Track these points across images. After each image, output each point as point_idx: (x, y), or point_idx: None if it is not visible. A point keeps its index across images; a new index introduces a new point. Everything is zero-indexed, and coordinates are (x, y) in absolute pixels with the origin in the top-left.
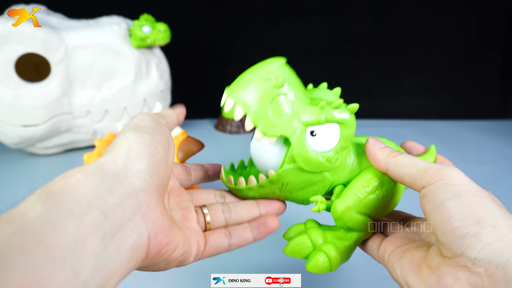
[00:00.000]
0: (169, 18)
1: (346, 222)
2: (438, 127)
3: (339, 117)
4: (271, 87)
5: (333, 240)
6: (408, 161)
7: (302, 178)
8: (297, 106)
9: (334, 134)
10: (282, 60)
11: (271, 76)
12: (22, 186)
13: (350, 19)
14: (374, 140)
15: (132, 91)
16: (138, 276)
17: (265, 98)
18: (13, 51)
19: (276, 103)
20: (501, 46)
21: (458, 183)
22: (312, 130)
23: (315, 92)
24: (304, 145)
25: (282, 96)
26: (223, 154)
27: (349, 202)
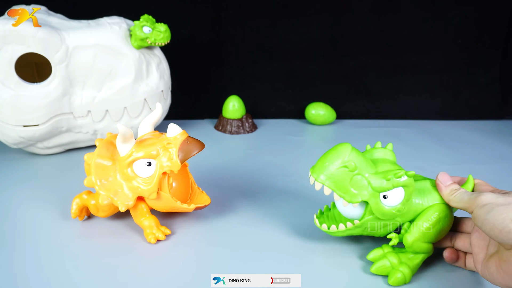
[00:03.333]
0: (169, 18)
1: (415, 249)
2: (438, 127)
3: (402, 182)
4: (348, 171)
5: (405, 261)
6: (460, 196)
7: (379, 223)
8: (369, 179)
9: (400, 193)
10: (349, 146)
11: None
12: (22, 186)
13: (350, 19)
14: (442, 176)
15: (133, 91)
16: (132, 274)
17: (345, 179)
18: (13, 51)
19: (354, 181)
20: (501, 46)
21: (489, 202)
22: (384, 195)
23: (375, 152)
24: (379, 204)
25: (357, 175)
26: (223, 154)
27: (416, 235)
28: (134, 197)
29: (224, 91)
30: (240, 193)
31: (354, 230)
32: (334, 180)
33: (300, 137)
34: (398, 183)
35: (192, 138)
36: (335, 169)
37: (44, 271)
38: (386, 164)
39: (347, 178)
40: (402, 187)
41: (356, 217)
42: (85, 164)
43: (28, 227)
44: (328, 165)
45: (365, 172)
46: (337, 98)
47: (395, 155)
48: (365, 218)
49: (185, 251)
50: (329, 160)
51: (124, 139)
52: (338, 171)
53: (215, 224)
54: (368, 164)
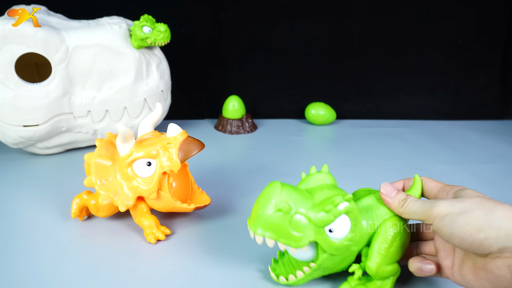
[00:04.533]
0: (169, 18)
1: (381, 275)
2: (438, 127)
3: (343, 209)
4: (284, 215)
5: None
6: (411, 208)
7: (336, 259)
8: (309, 215)
9: (345, 222)
10: (278, 186)
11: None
12: (22, 186)
13: (350, 19)
14: (385, 188)
15: (133, 91)
16: (132, 274)
17: (284, 224)
18: (13, 51)
19: (293, 223)
20: (501, 46)
21: (447, 212)
22: (330, 228)
23: (311, 178)
24: (328, 240)
25: (295, 215)
26: (223, 154)
27: (377, 260)
28: (134, 197)
29: (224, 91)
30: (240, 193)
31: (313, 273)
32: (273, 229)
33: (300, 137)
34: (339, 212)
35: (192, 138)
36: (269, 217)
37: (44, 271)
38: (324, 190)
39: (286, 222)
40: (345, 214)
41: (310, 259)
42: (85, 164)
43: (28, 227)
44: (262, 213)
45: (303, 208)
46: (337, 98)
47: (333, 177)
48: (319, 258)
49: (185, 251)
50: (261, 207)
51: (124, 139)
52: (274, 218)
53: (215, 224)
54: (304, 197)
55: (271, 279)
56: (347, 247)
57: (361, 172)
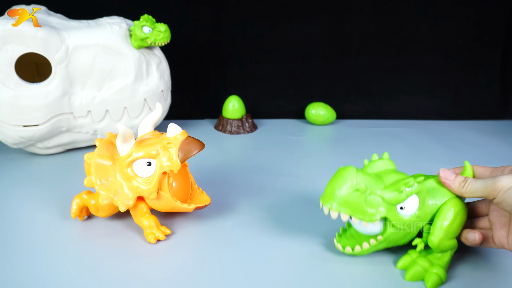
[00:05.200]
0: (169, 18)
1: (442, 248)
2: (438, 127)
3: (414, 190)
4: (361, 194)
5: (436, 261)
6: (472, 186)
7: (401, 233)
8: (382, 195)
9: (414, 201)
10: (354, 170)
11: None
12: (22, 186)
13: (350, 19)
14: (444, 173)
15: (133, 91)
16: (132, 274)
17: (359, 202)
18: (13, 51)
19: (368, 201)
20: (500, 46)
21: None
22: (401, 206)
23: (374, 165)
24: (399, 216)
25: (370, 195)
26: (223, 154)
27: (440, 235)
28: (134, 197)
29: (224, 91)
30: (240, 193)
31: (378, 245)
32: (349, 205)
33: (300, 137)
34: (411, 192)
35: (192, 138)
36: (347, 195)
37: (44, 271)
38: (390, 174)
39: (361, 201)
40: (416, 194)
41: (377, 232)
42: (85, 164)
43: (28, 227)
44: (338, 192)
45: (376, 189)
46: (337, 98)
47: (393, 163)
48: (387, 232)
49: (185, 251)
50: (337, 186)
51: (124, 139)
52: (351, 196)
53: (215, 224)
54: (375, 180)
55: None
56: (414, 223)
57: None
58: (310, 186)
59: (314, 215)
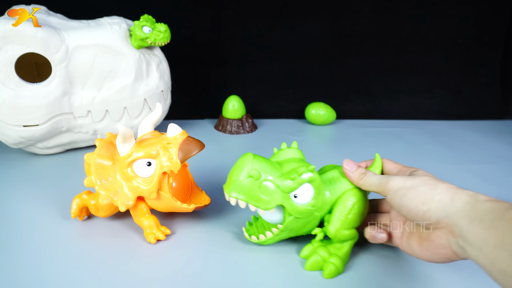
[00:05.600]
0: (169, 18)
1: (340, 238)
2: (438, 127)
3: (306, 178)
4: (254, 180)
5: (335, 251)
6: (369, 180)
7: (300, 222)
8: (276, 182)
9: (308, 189)
10: (250, 156)
11: (251, 172)
12: (22, 186)
13: (350, 19)
14: (347, 164)
15: (133, 91)
16: (132, 274)
17: (254, 188)
18: (13, 51)
19: (263, 188)
20: (500, 46)
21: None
22: (294, 194)
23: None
24: (293, 204)
25: (264, 181)
26: (223, 154)
27: (337, 225)
28: (134, 197)
29: (224, 91)
30: None
31: (281, 234)
32: (245, 192)
33: (300, 137)
34: (302, 180)
35: (192, 138)
36: (242, 181)
37: (44, 271)
38: (291, 163)
39: (256, 187)
40: (309, 182)
41: (279, 221)
42: (85, 164)
43: (28, 227)
44: (235, 179)
45: (271, 176)
46: (337, 98)
47: (302, 152)
48: (286, 220)
49: (185, 251)
50: (235, 174)
51: (124, 139)
52: (246, 182)
53: (215, 224)
54: (274, 167)
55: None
56: (310, 212)
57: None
58: None
59: None
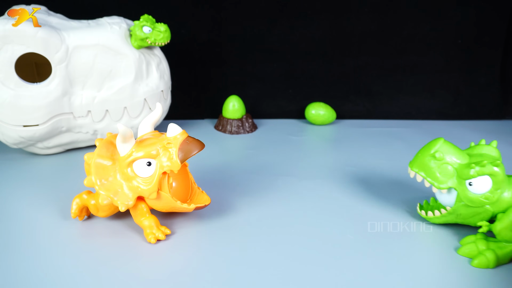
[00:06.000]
0: (169, 18)
1: (503, 237)
2: (438, 127)
3: (486, 170)
4: (436, 160)
5: (494, 248)
6: None
7: (470, 211)
8: (455, 167)
9: (487, 182)
10: (441, 140)
11: (436, 154)
12: (22, 186)
13: (350, 19)
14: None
15: (133, 91)
16: (132, 274)
17: (434, 167)
18: (13, 51)
19: (442, 169)
20: (501, 46)
21: None
22: (470, 182)
23: (477, 148)
24: (466, 191)
25: (444, 164)
26: (223, 154)
27: (505, 223)
28: (134, 197)
29: (224, 91)
30: (240, 193)
31: (448, 216)
32: (425, 168)
33: (300, 137)
34: (482, 171)
35: (192, 138)
36: (425, 159)
37: (44, 271)
38: (483, 157)
39: (436, 167)
40: (489, 175)
41: (451, 204)
42: (85, 164)
43: (28, 227)
44: (419, 156)
45: (454, 161)
46: (337, 98)
47: (499, 152)
48: (456, 204)
49: (185, 251)
50: (422, 152)
51: (124, 139)
52: (427, 160)
53: (215, 224)
54: (460, 155)
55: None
56: (481, 203)
57: (361, 172)
58: (310, 186)
59: (314, 215)
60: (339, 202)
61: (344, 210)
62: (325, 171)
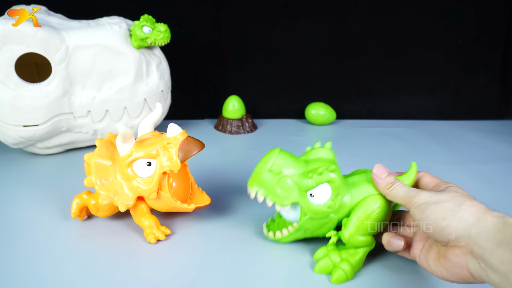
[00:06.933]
0: (169, 18)
1: (353, 244)
2: (438, 127)
3: (324, 178)
4: (274, 175)
5: (347, 257)
6: (396, 192)
7: (316, 223)
8: (295, 180)
9: (326, 190)
10: (276, 151)
11: (272, 167)
12: (22, 186)
13: (350, 19)
14: (378, 169)
15: (133, 91)
16: (132, 274)
17: (273, 184)
18: (13, 51)
19: (281, 184)
20: (501, 46)
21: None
22: (311, 193)
23: (313, 152)
24: (309, 203)
25: (283, 178)
26: (223, 154)
27: (351, 229)
28: (134, 197)
29: (224, 91)
30: (240, 193)
31: (296, 233)
32: (264, 186)
33: (300, 137)
34: (320, 180)
35: (192, 138)
36: (263, 175)
37: (44, 271)
38: (318, 162)
39: (275, 182)
40: (327, 183)
41: (296, 220)
42: (85, 164)
43: (28, 227)
44: (258, 172)
45: (293, 173)
46: (337, 98)
47: (334, 153)
48: (302, 219)
49: (185, 251)
50: (258, 167)
51: (124, 139)
52: (266, 177)
53: (215, 224)
54: (298, 164)
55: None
56: (325, 213)
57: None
58: None
59: None
60: None
61: None
62: None
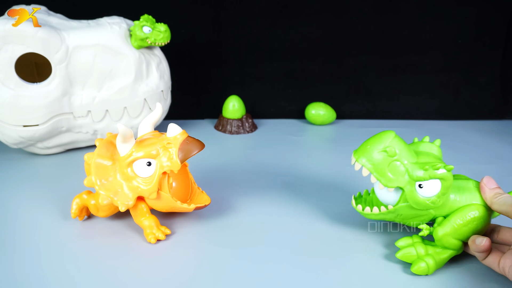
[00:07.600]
0: (169, 18)
1: (444, 243)
2: (438, 127)
3: (439, 175)
4: (388, 156)
5: (432, 253)
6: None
7: (412, 212)
8: (407, 167)
9: (436, 185)
10: (392, 133)
11: (387, 148)
12: (22, 186)
13: (350, 19)
14: (488, 180)
15: (133, 91)
16: (132, 274)
17: (384, 163)
18: (13, 51)
19: (392, 166)
20: (501, 46)
21: None
22: (420, 184)
23: (421, 145)
24: (414, 193)
25: (396, 161)
26: (223, 154)
27: (447, 230)
28: (134, 197)
29: (224, 91)
30: (240, 193)
31: (387, 215)
32: (373, 163)
33: (300, 137)
34: (435, 175)
35: (192, 138)
36: (375, 153)
37: (44, 271)
38: (429, 157)
39: (386, 163)
40: (439, 179)
41: (391, 202)
42: (85, 164)
43: (28, 227)
44: (369, 148)
45: (405, 159)
46: (337, 98)
47: (441, 151)
48: (399, 204)
49: (185, 251)
50: (371, 144)
51: (124, 139)
52: (378, 155)
53: (215, 224)
54: (410, 153)
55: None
56: (426, 207)
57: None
58: (310, 186)
59: (315, 216)
60: (340, 201)
61: (344, 210)
62: (325, 171)
